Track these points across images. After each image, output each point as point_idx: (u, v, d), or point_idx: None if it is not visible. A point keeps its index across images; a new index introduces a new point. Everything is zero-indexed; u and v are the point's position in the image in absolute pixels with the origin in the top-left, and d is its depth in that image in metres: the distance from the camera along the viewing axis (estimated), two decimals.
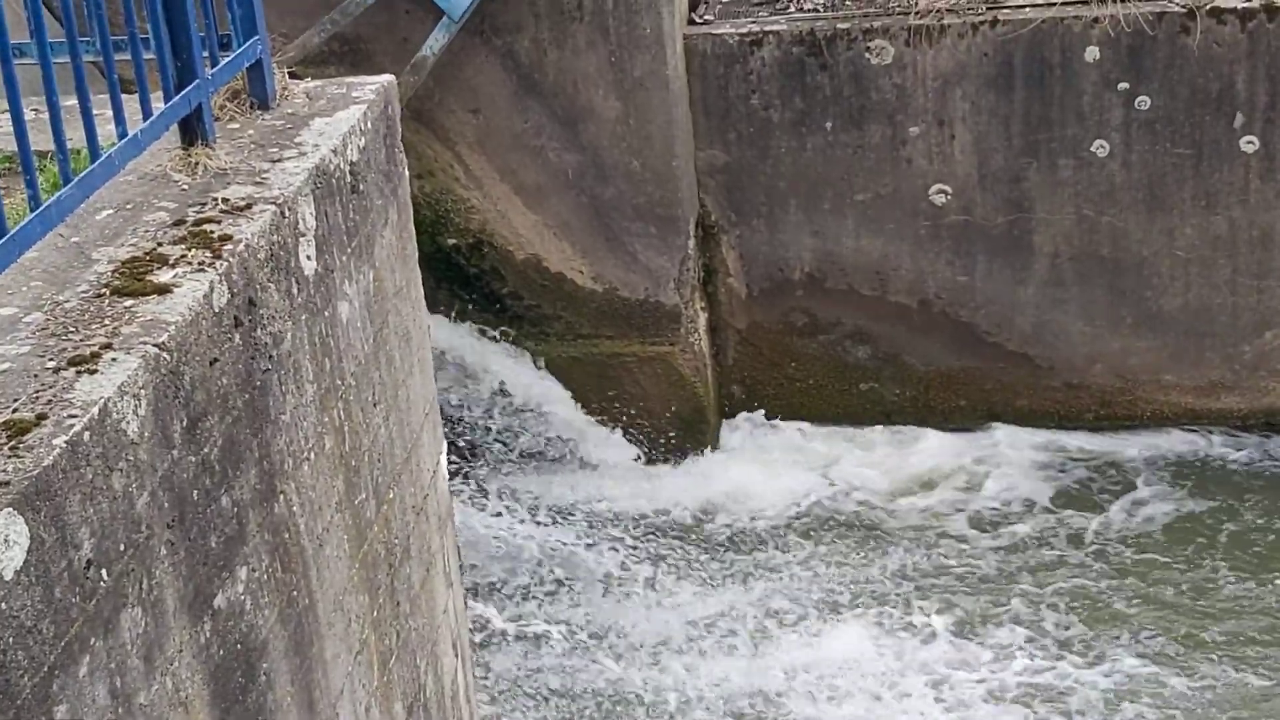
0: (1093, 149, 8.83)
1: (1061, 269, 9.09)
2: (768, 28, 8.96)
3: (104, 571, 2.77)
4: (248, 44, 4.10)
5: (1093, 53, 8.66)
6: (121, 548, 2.83)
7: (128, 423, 2.88)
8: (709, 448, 9.39)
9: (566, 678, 7.86)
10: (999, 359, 9.30)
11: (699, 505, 9.09)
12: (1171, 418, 9.27)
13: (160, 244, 3.42)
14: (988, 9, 8.79)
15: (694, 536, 8.87)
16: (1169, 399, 9.25)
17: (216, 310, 3.26)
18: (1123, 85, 8.69)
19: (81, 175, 3.24)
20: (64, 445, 2.68)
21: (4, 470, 2.60)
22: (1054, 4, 8.70)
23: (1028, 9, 8.75)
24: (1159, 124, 8.74)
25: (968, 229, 9.08)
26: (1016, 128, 8.85)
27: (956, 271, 9.17)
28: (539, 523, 8.97)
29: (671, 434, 9.34)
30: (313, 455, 3.73)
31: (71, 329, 3.06)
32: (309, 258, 3.76)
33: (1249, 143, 8.71)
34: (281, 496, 3.54)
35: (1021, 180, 8.95)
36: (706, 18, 9.17)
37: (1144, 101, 8.71)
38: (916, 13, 8.77)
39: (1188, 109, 8.70)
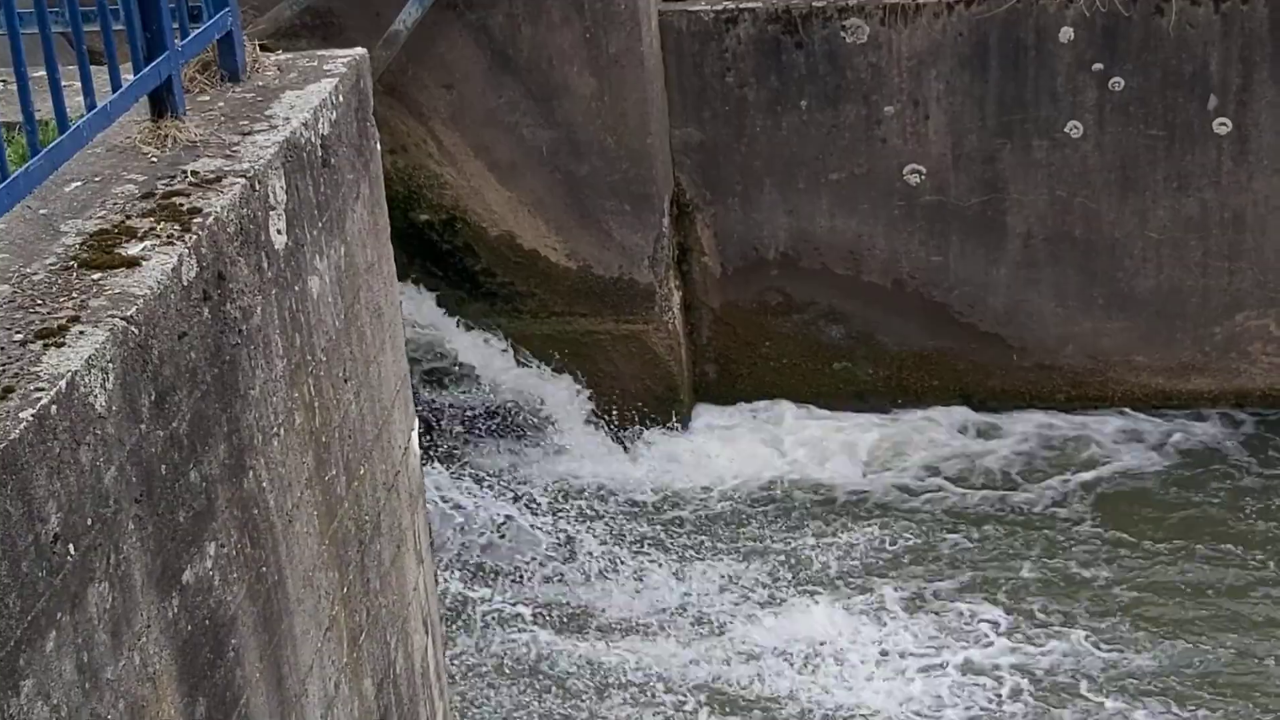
0: (1066, 130, 8.83)
1: (1034, 250, 9.10)
2: (743, 5, 8.93)
3: (71, 546, 2.75)
4: (218, 15, 4.07)
5: (1067, 33, 8.67)
6: (89, 522, 2.82)
7: (95, 396, 2.86)
8: (682, 426, 9.39)
9: (534, 655, 7.86)
10: (972, 339, 9.32)
11: (670, 482, 9.09)
12: (1142, 398, 9.30)
13: (129, 217, 3.39)
14: None
15: (666, 514, 8.87)
16: (1140, 380, 9.28)
17: (185, 284, 3.23)
18: (1097, 66, 8.70)
19: (50, 147, 3.22)
20: (31, 418, 2.66)
21: None
22: None
23: None
24: (1133, 105, 8.75)
25: (941, 209, 9.08)
26: (990, 108, 8.86)
27: (930, 252, 9.18)
28: (509, 499, 8.95)
29: (644, 412, 9.34)
30: (282, 431, 3.71)
31: (39, 301, 3.04)
32: (279, 232, 3.73)
33: (1222, 124, 8.73)
34: (251, 472, 3.52)
35: (995, 161, 8.95)
36: None
37: (1118, 83, 8.72)
38: None
39: (1161, 90, 8.71)
